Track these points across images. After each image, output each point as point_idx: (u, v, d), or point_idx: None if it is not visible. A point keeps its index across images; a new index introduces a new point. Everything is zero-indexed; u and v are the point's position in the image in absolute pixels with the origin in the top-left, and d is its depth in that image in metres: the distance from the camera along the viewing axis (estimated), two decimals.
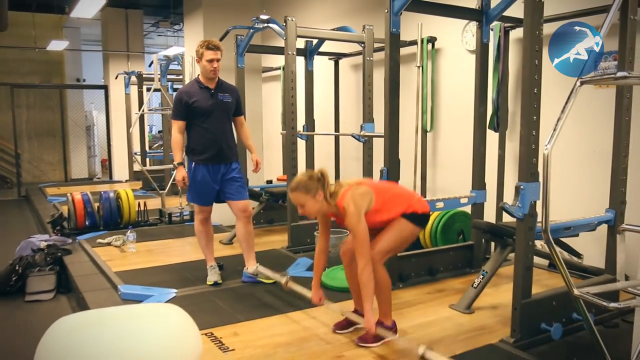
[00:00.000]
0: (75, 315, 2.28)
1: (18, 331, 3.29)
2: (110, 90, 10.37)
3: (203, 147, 3.53)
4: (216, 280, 3.61)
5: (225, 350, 2.59)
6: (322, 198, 2.55)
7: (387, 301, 2.68)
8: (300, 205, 2.58)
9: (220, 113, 3.57)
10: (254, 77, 5.93)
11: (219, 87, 3.59)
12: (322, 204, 2.57)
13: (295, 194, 2.57)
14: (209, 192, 3.59)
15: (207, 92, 3.54)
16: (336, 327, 2.82)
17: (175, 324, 2.16)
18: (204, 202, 3.64)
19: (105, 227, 5.45)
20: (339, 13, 6.27)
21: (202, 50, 3.47)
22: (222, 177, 3.59)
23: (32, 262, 4.05)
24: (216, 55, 3.47)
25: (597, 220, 3.00)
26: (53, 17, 10.83)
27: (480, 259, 3.90)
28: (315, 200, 2.55)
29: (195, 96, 3.50)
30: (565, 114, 2.01)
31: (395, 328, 2.71)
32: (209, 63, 3.47)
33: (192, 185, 3.58)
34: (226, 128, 3.62)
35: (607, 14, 2.19)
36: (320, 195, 2.55)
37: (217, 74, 3.55)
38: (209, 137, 3.52)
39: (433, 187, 5.11)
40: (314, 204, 2.56)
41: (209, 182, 3.55)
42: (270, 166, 7.12)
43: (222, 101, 3.57)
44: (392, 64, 3.25)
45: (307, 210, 2.57)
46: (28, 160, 11.50)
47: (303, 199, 2.55)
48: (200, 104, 3.50)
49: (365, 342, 2.61)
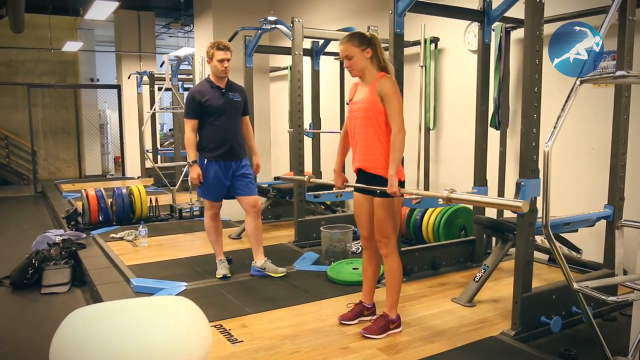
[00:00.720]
0: (90, 307, 2.34)
1: (34, 322, 3.38)
2: (123, 89, 10.51)
3: (215, 145, 3.60)
4: (225, 273, 3.69)
5: (234, 342, 2.64)
6: (370, 56, 2.60)
7: (396, 291, 2.74)
8: (348, 58, 2.60)
9: (231, 111, 3.65)
10: (262, 77, 6.01)
11: (229, 87, 3.68)
12: (367, 64, 2.61)
13: (347, 45, 2.59)
14: (221, 188, 3.66)
15: (219, 91, 3.62)
16: (342, 319, 2.88)
17: (186, 316, 2.20)
18: (215, 198, 3.71)
19: (118, 222, 5.54)
20: (344, 14, 6.32)
21: (212, 51, 3.55)
22: (232, 173, 3.66)
23: (48, 256, 4.12)
24: (226, 55, 3.55)
25: (596, 216, 3.03)
26: (68, 19, 10.98)
27: (482, 253, 3.96)
28: (363, 56, 2.59)
29: (207, 95, 3.58)
30: (565, 112, 2.03)
31: (399, 321, 2.77)
32: (220, 63, 3.55)
33: (204, 181, 3.64)
34: (237, 126, 3.71)
35: (606, 15, 2.22)
36: (368, 53, 2.59)
37: (228, 73, 3.63)
38: (221, 134, 3.60)
39: (436, 183, 5.16)
40: (361, 59, 2.59)
41: (221, 178, 3.62)
42: (277, 163, 7.18)
43: (232, 100, 3.66)
44: (396, 63, 3.30)
45: (353, 63, 2.60)
46: (44, 158, 11.71)
47: (353, 50, 2.58)
48: (213, 102, 3.57)
49: (371, 333, 2.67)
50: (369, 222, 2.78)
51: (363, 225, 2.82)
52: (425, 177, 5.10)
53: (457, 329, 2.80)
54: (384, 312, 2.74)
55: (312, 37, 5.25)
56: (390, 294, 2.74)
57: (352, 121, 2.71)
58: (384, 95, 2.56)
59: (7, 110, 11.54)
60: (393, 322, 2.73)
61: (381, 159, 2.61)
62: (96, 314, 2.15)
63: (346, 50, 2.61)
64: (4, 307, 3.70)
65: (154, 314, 2.20)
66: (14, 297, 3.87)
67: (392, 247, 2.70)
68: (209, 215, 3.77)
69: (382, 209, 2.65)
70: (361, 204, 2.79)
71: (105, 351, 1.95)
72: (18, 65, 11.62)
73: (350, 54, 2.60)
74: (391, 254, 2.71)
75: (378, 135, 2.61)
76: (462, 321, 2.90)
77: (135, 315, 2.17)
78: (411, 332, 2.76)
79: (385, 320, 2.71)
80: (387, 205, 2.64)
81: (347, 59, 2.62)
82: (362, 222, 2.82)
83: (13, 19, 8.17)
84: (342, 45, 2.63)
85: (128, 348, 1.97)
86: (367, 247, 2.87)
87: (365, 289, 2.93)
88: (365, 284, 2.93)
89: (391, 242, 2.69)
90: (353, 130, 2.70)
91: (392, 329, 2.72)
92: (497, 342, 2.62)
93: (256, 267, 3.74)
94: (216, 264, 3.78)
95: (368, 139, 2.63)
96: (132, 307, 2.29)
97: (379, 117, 2.59)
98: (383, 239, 2.69)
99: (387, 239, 2.68)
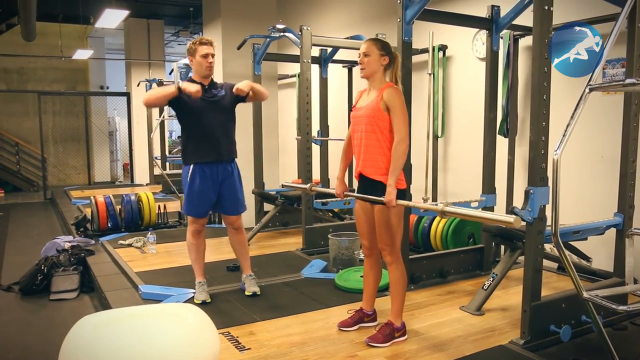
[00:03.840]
0: (98, 314, 2.35)
1: (43, 328, 3.40)
2: (132, 97, 10.61)
3: (197, 145, 3.31)
4: (204, 299, 3.33)
5: (242, 349, 2.64)
6: (386, 64, 2.67)
7: (401, 299, 2.73)
8: (365, 55, 2.67)
9: (214, 108, 3.34)
10: (270, 84, 6.04)
11: (213, 85, 3.39)
12: (380, 70, 2.68)
13: (370, 43, 2.68)
14: (206, 201, 3.36)
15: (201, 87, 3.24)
16: (341, 325, 2.88)
17: (194, 323, 2.21)
18: (200, 213, 3.39)
19: (127, 228, 5.56)
20: (352, 22, 6.35)
21: (195, 46, 3.28)
22: (220, 182, 3.37)
23: (57, 262, 4.13)
24: (210, 49, 3.29)
25: (605, 224, 3.00)
26: (78, 27, 11.14)
27: (490, 261, 3.93)
28: (379, 60, 2.66)
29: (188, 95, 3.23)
30: (575, 120, 2.03)
31: (404, 329, 2.76)
32: (204, 58, 3.27)
33: (189, 193, 3.34)
34: (220, 124, 3.35)
35: (616, 22, 2.21)
36: (385, 61, 2.67)
37: (212, 71, 3.35)
38: (202, 134, 3.30)
39: (444, 191, 5.15)
40: (376, 61, 2.66)
41: (207, 190, 3.33)
42: (285, 170, 7.20)
43: (215, 95, 3.35)
44: (404, 71, 3.30)
45: (367, 61, 2.66)
46: (54, 164, 11.83)
47: (373, 51, 2.66)
48: (192, 101, 3.25)
49: (376, 342, 2.66)
50: (369, 230, 2.78)
51: (364, 233, 2.82)
52: (433, 185, 5.09)
53: (465, 337, 2.78)
54: (389, 320, 2.73)
55: (320, 45, 5.28)
56: (395, 302, 2.73)
57: (356, 127, 2.73)
58: (391, 104, 2.60)
59: (18, 117, 11.69)
60: (398, 330, 2.71)
61: (382, 165, 2.63)
62: (105, 321, 2.17)
63: (367, 48, 2.68)
64: (13, 313, 3.72)
65: (162, 321, 2.21)
66: (23, 303, 3.89)
67: (396, 255, 2.69)
68: (190, 232, 3.44)
69: (382, 216, 2.65)
70: (361, 212, 2.79)
71: (114, 358, 1.96)
72: (29, 72, 11.78)
73: (369, 52, 2.67)
74: (395, 262, 2.70)
75: (380, 141, 2.63)
76: (470, 330, 2.88)
77: (143, 322, 2.19)
78: (419, 341, 2.74)
79: (390, 329, 2.69)
80: (387, 213, 2.63)
81: (364, 55, 2.68)
82: (363, 230, 2.82)
83: (25, 28, 8.28)
84: (365, 43, 2.71)
85: (137, 355, 1.98)
86: (368, 254, 2.87)
87: (366, 295, 2.93)
88: (365, 291, 2.93)
89: (395, 250, 2.68)
90: (356, 136, 2.72)
91: (397, 337, 2.71)
92: (506, 351, 2.60)
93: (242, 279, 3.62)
94: (196, 285, 3.42)
95: (371, 144, 2.64)
96: (140, 314, 2.31)
97: (382, 124, 2.61)
98: (386, 247, 2.68)
99: (390, 247, 2.67)
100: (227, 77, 5.50)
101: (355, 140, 2.74)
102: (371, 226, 2.75)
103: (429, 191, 5.04)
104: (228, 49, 5.49)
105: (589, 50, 2.11)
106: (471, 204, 3.72)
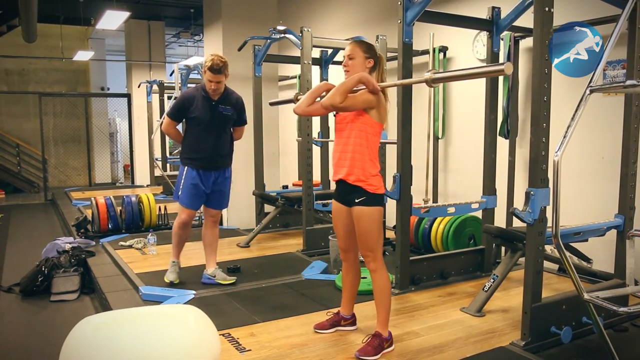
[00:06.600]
0: (99, 315, 2.36)
1: (44, 330, 3.40)
2: (133, 98, 10.62)
3: (195, 154, 3.57)
4: (172, 280, 3.66)
5: (242, 351, 2.63)
6: (371, 67, 2.64)
7: (386, 308, 2.63)
8: (350, 58, 2.64)
9: (217, 124, 3.58)
10: (271, 86, 6.05)
11: (222, 99, 3.58)
12: (364, 72, 2.61)
13: (354, 46, 2.64)
14: (198, 196, 3.62)
15: (208, 102, 3.53)
16: (317, 327, 2.86)
17: (194, 324, 2.22)
18: (190, 205, 3.63)
19: (127, 230, 5.56)
20: (353, 23, 6.36)
21: (204, 67, 3.44)
22: (213, 182, 3.64)
23: (58, 263, 4.13)
24: (216, 78, 3.42)
25: (606, 226, 3.01)
26: (79, 28, 11.17)
27: (491, 263, 3.93)
28: (364, 63, 2.63)
29: (196, 104, 3.51)
30: (575, 122, 2.03)
31: (392, 340, 2.67)
32: (209, 82, 3.46)
33: (184, 185, 3.59)
34: (222, 138, 3.62)
35: (616, 23, 2.22)
36: (370, 63, 2.63)
37: (217, 93, 3.52)
38: (203, 146, 3.55)
39: (445, 192, 5.15)
40: (361, 65, 2.62)
41: (199, 186, 3.59)
42: (286, 172, 7.21)
43: (221, 114, 3.56)
44: (405, 72, 3.31)
45: (351, 65, 2.63)
46: (54, 166, 11.84)
47: (358, 54, 2.63)
48: (199, 114, 3.51)
49: (366, 355, 2.55)
50: (346, 233, 2.73)
51: (340, 236, 2.78)
52: (434, 186, 5.09)
53: (465, 339, 2.78)
54: (377, 331, 2.64)
55: (321, 47, 5.28)
56: (380, 312, 2.64)
57: (339, 132, 2.70)
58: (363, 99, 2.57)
59: (18, 118, 11.71)
60: (386, 340, 2.63)
61: (363, 171, 2.58)
62: (105, 322, 2.17)
63: (352, 50, 2.65)
64: (14, 314, 3.73)
65: (162, 322, 2.21)
66: (24, 304, 3.90)
67: (379, 261, 2.62)
68: (179, 222, 3.69)
69: (362, 218, 2.58)
70: (339, 215, 2.73)
71: (114, 359, 1.96)
72: (30, 74, 11.81)
73: (353, 55, 2.64)
74: (379, 269, 2.62)
75: (363, 146, 2.59)
76: (471, 331, 2.88)
77: (144, 323, 2.19)
78: (420, 342, 2.74)
79: (379, 340, 2.60)
80: (367, 215, 2.57)
81: (348, 58, 2.66)
82: (340, 233, 2.77)
83: (26, 29, 8.30)
84: (349, 45, 2.68)
85: (137, 356, 1.99)
86: (345, 258, 2.83)
87: (344, 300, 2.88)
88: (344, 295, 2.89)
89: (377, 256, 2.62)
90: (339, 142, 2.68)
91: (386, 347, 2.63)
92: (506, 353, 2.59)
93: (207, 274, 3.73)
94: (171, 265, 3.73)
95: (354, 150, 2.60)
96: (141, 315, 2.31)
97: (365, 128, 2.58)
98: (369, 253, 2.61)
99: (373, 253, 2.60)
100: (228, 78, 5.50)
101: (338, 145, 2.69)
102: (346, 229, 2.71)
103: (429, 192, 5.04)
104: (229, 50, 5.49)
105: (589, 50, 2.11)
106: (472, 205, 3.73)
